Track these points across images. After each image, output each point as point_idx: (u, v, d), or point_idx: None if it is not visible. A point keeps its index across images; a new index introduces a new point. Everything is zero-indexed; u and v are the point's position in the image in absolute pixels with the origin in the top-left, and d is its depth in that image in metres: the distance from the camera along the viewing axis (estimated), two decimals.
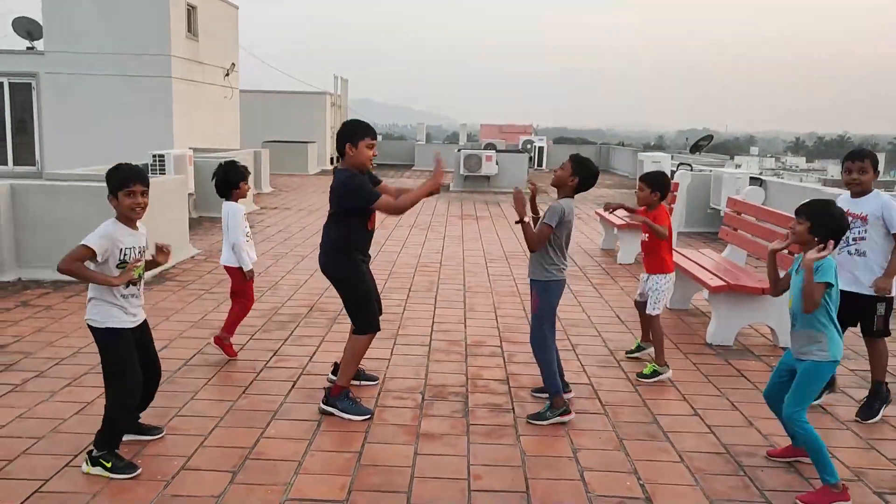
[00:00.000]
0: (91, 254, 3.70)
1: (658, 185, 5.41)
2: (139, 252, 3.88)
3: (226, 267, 5.60)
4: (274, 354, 5.73)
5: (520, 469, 3.94)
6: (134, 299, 3.88)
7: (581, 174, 4.60)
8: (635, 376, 5.41)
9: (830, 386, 5.00)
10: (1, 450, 3.99)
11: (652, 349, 5.54)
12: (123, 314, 3.79)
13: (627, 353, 5.89)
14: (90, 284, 3.81)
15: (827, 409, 4.89)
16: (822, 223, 3.72)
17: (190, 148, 14.33)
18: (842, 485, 3.66)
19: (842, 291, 4.74)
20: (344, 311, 4.80)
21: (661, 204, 5.44)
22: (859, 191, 4.72)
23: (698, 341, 6.34)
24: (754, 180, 12.03)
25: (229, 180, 5.46)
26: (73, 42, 17.08)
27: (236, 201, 5.50)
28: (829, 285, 3.66)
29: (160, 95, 17.27)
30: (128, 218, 3.85)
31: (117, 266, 3.78)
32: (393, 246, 10.57)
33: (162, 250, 4.02)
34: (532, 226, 4.60)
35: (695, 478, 3.90)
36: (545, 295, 4.65)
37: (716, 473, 3.95)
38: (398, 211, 4.62)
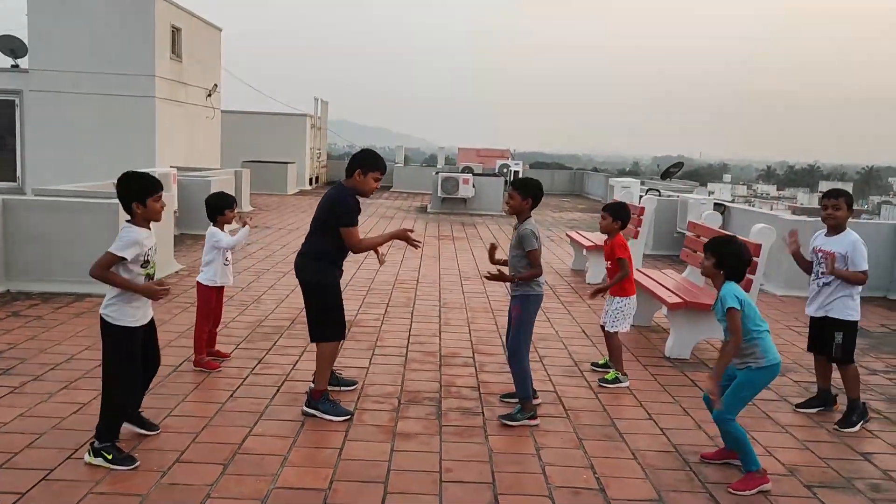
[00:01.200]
0: (118, 259, 4.01)
1: (620, 214, 5.90)
2: (154, 250, 4.22)
3: (198, 283, 5.96)
4: (259, 363, 6.07)
5: (487, 464, 4.32)
6: (143, 301, 4.20)
7: (531, 194, 5.05)
8: (598, 381, 5.84)
9: (828, 404, 5.45)
10: (6, 444, 4.30)
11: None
12: (137, 312, 4.15)
13: (593, 364, 6.30)
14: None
15: (770, 415, 5.33)
16: (725, 257, 4.22)
17: (172, 167, 14.64)
18: (762, 470, 4.16)
19: (812, 318, 5.27)
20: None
21: (619, 233, 5.92)
22: (833, 224, 5.21)
23: (657, 355, 6.78)
24: (718, 206, 12.61)
25: (218, 206, 5.90)
26: (59, 61, 17.36)
27: (222, 227, 5.91)
28: (740, 307, 4.11)
29: (143, 115, 17.57)
30: (145, 221, 4.18)
31: (141, 266, 4.12)
32: (371, 263, 10.90)
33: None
34: (515, 271, 5.04)
35: (645, 472, 4.31)
36: (526, 307, 5.06)
37: (664, 469, 4.36)
38: (360, 247, 4.96)
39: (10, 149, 18.02)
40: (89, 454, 4.08)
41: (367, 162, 4.99)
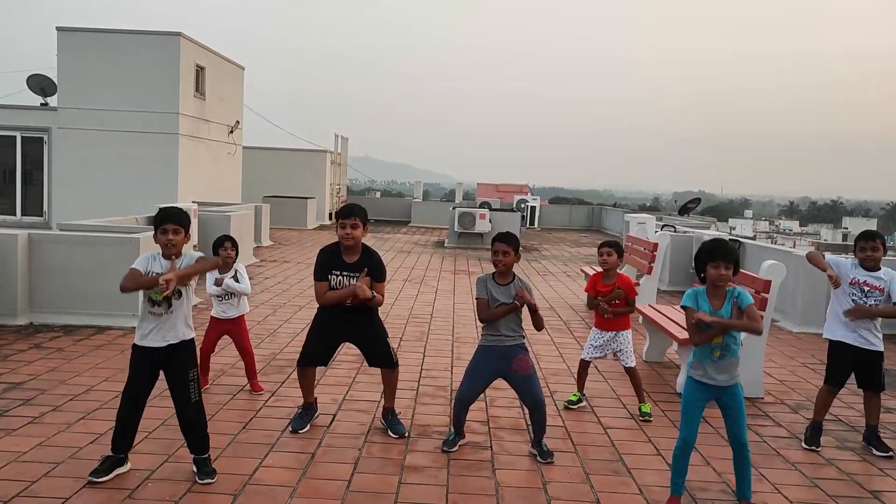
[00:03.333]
0: (133, 271, 4.29)
1: (622, 250, 6.15)
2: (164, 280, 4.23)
3: None
4: (272, 395, 6.16)
5: (493, 497, 4.37)
6: (156, 320, 4.34)
7: (518, 249, 5.06)
8: (640, 416, 5.95)
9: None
10: (25, 472, 4.41)
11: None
12: (143, 331, 4.36)
13: (567, 402, 6.22)
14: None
15: (780, 452, 5.32)
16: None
17: (194, 202, 14.92)
18: None
19: (856, 348, 5.36)
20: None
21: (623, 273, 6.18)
22: (872, 266, 5.42)
23: (669, 390, 6.78)
24: (733, 242, 12.61)
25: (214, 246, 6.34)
26: (86, 99, 17.85)
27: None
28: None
29: (167, 151, 17.97)
30: (162, 253, 4.40)
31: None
32: (387, 298, 11.03)
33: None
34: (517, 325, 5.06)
35: None
36: (529, 353, 5.17)
37: None
38: (321, 301, 5.27)
39: (38, 184, 18.48)
40: None
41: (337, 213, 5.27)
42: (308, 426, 5.38)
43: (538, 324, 5.00)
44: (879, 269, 5.42)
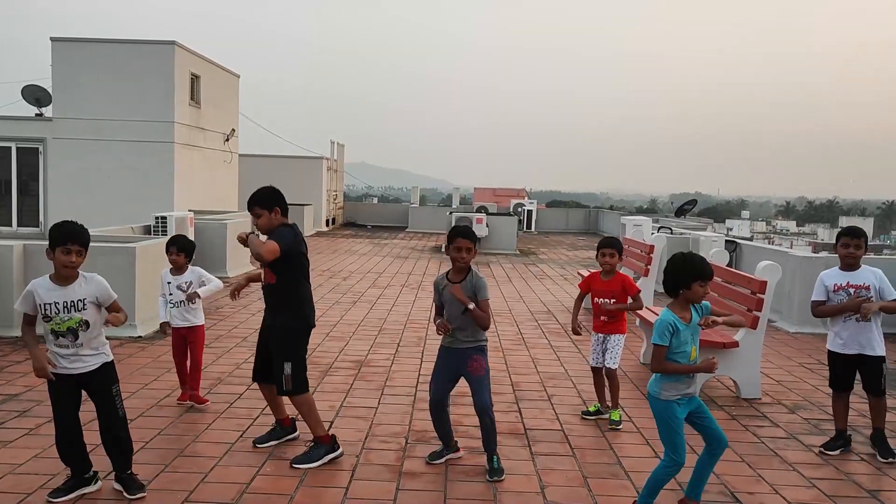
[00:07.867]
0: (25, 316, 4.19)
1: (622, 249, 6.03)
2: (65, 307, 4.12)
3: None
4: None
5: (491, 502, 4.36)
6: (64, 350, 4.17)
7: (476, 245, 4.88)
8: (609, 425, 5.80)
9: (848, 444, 5.43)
10: (21, 484, 4.39)
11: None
12: (58, 361, 4.17)
13: (584, 413, 6.10)
14: None
15: (778, 452, 5.32)
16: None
17: (190, 210, 14.92)
18: None
19: (851, 356, 5.30)
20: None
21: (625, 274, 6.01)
22: (852, 262, 5.35)
23: None
24: (730, 243, 12.64)
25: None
26: (81, 109, 17.86)
27: (171, 266, 6.23)
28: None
29: (163, 160, 17.96)
30: (58, 274, 4.15)
31: (43, 320, 4.15)
32: (384, 304, 11.04)
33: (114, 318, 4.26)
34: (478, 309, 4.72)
35: None
36: (486, 356, 4.90)
37: None
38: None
39: (34, 194, 18.47)
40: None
41: None
42: (272, 443, 5.16)
43: (479, 322, 4.70)
44: (859, 267, 5.34)
